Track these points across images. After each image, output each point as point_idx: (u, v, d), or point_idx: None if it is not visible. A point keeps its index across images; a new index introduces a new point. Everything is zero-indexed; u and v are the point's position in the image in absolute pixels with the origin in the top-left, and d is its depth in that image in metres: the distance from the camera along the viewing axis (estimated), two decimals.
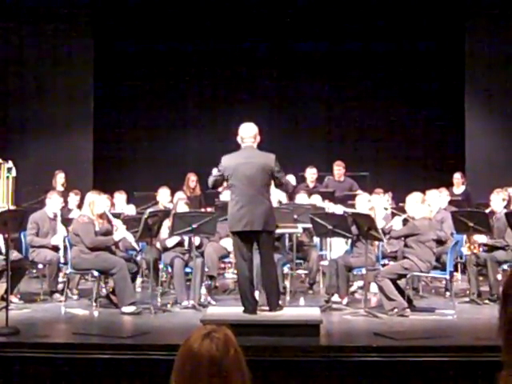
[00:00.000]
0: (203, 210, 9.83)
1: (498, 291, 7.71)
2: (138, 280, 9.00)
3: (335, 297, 8.02)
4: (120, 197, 10.43)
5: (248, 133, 6.70)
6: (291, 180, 9.16)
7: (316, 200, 9.79)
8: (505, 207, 8.81)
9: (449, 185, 10.96)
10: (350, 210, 8.63)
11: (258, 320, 6.44)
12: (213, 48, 13.24)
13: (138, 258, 8.94)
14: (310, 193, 10.27)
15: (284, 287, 8.36)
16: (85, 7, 12.95)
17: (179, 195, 10.00)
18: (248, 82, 13.41)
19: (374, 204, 8.81)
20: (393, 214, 8.96)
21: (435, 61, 13.06)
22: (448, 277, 7.93)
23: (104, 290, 8.41)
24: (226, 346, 1.95)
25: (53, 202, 8.88)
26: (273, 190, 7.05)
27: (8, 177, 9.86)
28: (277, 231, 7.03)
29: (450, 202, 9.74)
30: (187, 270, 8.26)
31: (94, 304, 7.85)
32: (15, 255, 7.91)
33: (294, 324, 6.34)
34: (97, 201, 8.02)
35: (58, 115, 12.70)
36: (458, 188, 11.33)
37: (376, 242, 8.33)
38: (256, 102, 13.13)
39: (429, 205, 8.24)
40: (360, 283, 8.94)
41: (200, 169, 11.31)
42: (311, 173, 11.47)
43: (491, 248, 8.44)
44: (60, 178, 11.33)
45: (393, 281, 7.52)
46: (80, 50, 12.96)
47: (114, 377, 5.52)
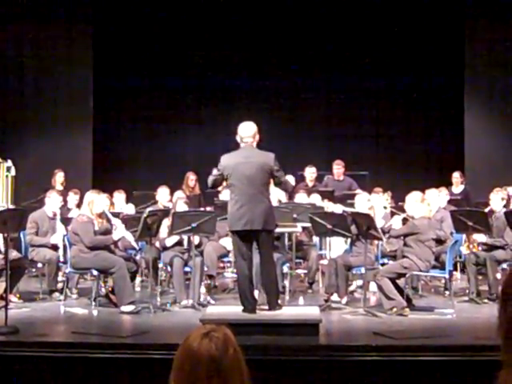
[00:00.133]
0: (202, 210, 9.83)
1: (497, 290, 7.70)
2: (138, 279, 8.99)
3: (334, 296, 8.01)
4: (119, 196, 10.42)
5: (247, 132, 6.69)
6: (290, 180, 9.15)
7: (315, 199, 9.78)
8: (504, 206, 8.81)
9: (448, 184, 10.96)
10: (350, 210, 8.62)
11: (258, 319, 6.44)
12: (212, 47, 13.23)
13: (138, 258, 8.93)
14: (310, 192, 10.26)
15: (283, 286, 8.35)
16: (84, 7, 12.94)
17: (178, 194, 9.99)
18: (247, 81, 13.40)
19: (374, 203, 8.81)
20: (392, 214, 8.95)
21: (435, 60, 13.06)
22: (447, 276, 7.93)
23: (103, 289, 8.41)
24: (226, 346, 1.95)
25: (52, 201, 8.88)
26: (272, 190, 7.05)
27: (7, 176, 9.86)
28: (276, 230, 7.03)
29: (450, 202, 9.74)
30: (186, 270, 8.26)
31: (94, 303, 7.86)
32: (14, 254, 7.90)
33: (294, 323, 6.34)
34: (96, 200, 8.01)
35: (58, 114, 12.69)
36: (457, 187, 11.33)
37: (375, 242, 8.32)
38: (256, 102, 13.13)
39: (428, 204, 8.24)
40: (359, 282, 8.94)
41: (199, 168, 11.31)
42: (310, 172, 11.47)
43: (490, 247, 8.44)
44: (59, 177, 11.31)
45: (392, 280, 7.52)
46: (79, 50, 12.94)
47: (114, 376, 5.52)
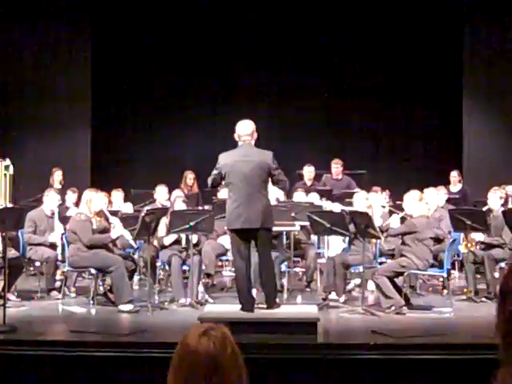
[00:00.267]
0: (201, 208, 9.83)
1: (496, 289, 7.71)
2: (136, 278, 8.99)
3: (332, 295, 8.01)
4: (117, 195, 10.41)
5: (245, 130, 6.68)
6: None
7: (314, 198, 9.78)
8: (502, 205, 8.82)
9: (446, 183, 10.96)
10: (348, 208, 8.63)
11: (256, 318, 6.44)
12: (212, 46, 13.23)
13: (136, 256, 8.94)
14: (308, 191, 10.27)
15: (281, 285, 8.35)
16: (83, 5, 12.93)
17: (177, 193, 9.99)
18: (247, 80, 13.40)
19: (372, 202, 8.81)
20: (390, 212, 8.96)
21: (434, 59, 13.05)
22: (445, 275, 7.93)
23: (101, 288, 8.40)
24: (224, 344, 1.95)
25: (50, 200, 8.87)
26: (271, 188, 7.04)
27: (5, 174, 9.84)
28: (274, 229, 7.03)
29: (448, 200, 9.75)
30: (185, 268, 8.26)
31: (92, 302, 7.85)
32: (12, 253, 7.89)
33: (292, 322, 6.35)
34: (94, 198, 8.00)
35: (56, 113, 12.67)
36: (455, 186, 11.33)
37: (373, 240, 8.33)
38: (254, 100, 13.12)
39: (426, 203, 8.24)
40: (357, 281, 8.94)
41: (198, 167, 11.31)
42: (309, 171, 11.47)
43: (488, 246, 8.45)
44: (57, 176, 11.31)
45: (390, 279, 7.52)
46: (78, 48, 12.94)
47: (112, 374, 5.51)
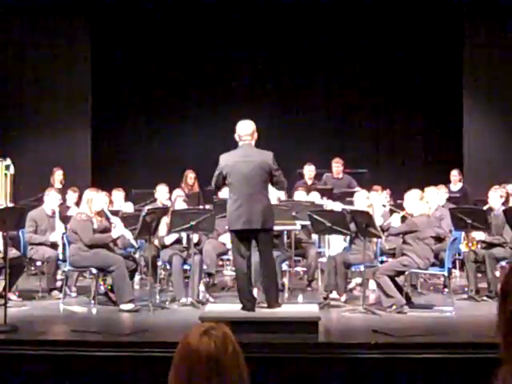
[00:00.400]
0: (201, 208, 9.83)
1: (496, 288, 7.71)
2: (137, 277, 8.99)
3: (333, 294, 8.01)
4: (118, 194, 10.41)
5: (245, 130, 6.68)
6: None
7: (314, 197, 9.78)
8: (502, 204, 8.81)
9: (446, 182, 10.96)
10: (349, 207, 8.63)
11: (257, 317, 6.43)
12: (212, 46, 13.22)
13: (137, 256, 8.93)
14: (309, 190, 10.26)
15: (282, 284, 8.35)
16: (83, 3, 12.93)
17: (177, 192, 9.99)
18: (247, 80, 13.39)
19: (373, 201, 8.81)
20: (391, 211, 8.96)
21: (434, 59, 13.05)
22: (446, 274, 7.92)
23: (102, 288, 8.40)
24: (225, 343, 1.95)
25: (51, 200, 8.87)
26: (271, 188, 7.04)
27: (6, 174, 9.85)
28: (275, 228, 7.03)
29: (448, 199, 9.74)
30: (185, 268, 8.26)
31: (93, 301, 7.85)
32: (13, 252, 7.90)
33: (293, 321, 6.34)
34: (95, 198, 8.00)
35: (57, 112, 12.68)
36: (455, 185, 11.33)
37: (374, 239, 8.32)
38: (255, 100, 13.11)
39: (427, 202, 8.24)
40: (358, 280, 8.93)
41: (199, 166, 11.31)
42: (309, 170, 11.47)
43: (489, 245, 8.45)
44: (58, 176, 11.31)
45: (391, 278, 7.52)
46: (78, 48, 12.94)
47: (113, 374, 5.52)
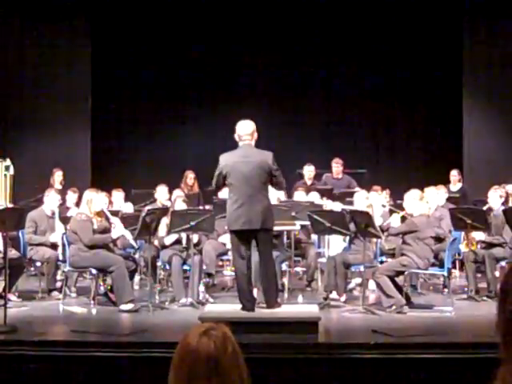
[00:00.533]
0: (201, 208, 9.83)
1: (496, 288, 7.71)
2: (136, 278, 8.99)
3: (333, 294, 8.01)
4: (118, 195, 10.41)
5: (245, 130, 6.67)
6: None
7: (314, 197, 9.78)
8: (502, 204, 8.81)
9: (446, 182, 10.95)
10: (348, 208, 8.63)
11: (256, 317, 6.43)
12: (211, 45, 13.22)
13: (136, 256, 8.93)
14: (308, 190, 10.26)
15: (282, 284, 8.35)
16: (83, 4, 12.93)
17: (177, 193, 9.99)
18: (247, 80, 13.39)
19: (372, 201, 8.81)
20: (391, 211, 8.96)
21: (434, 58, 13.05)
22: (446, 274, 7.92)
23: (102, 288, 8.40)
24: (224, 344, 1.95)
25: (50, 200, 8.87)
26: (271, 188, 7.04)
27: (6, 175, 9.86)
28: (275, 228, 7.02)
29: (448, 199, 9.74)
30: (185, 268, 8.26)
31: (92, 302, 7.85)
32: (13, 253, 7.90)
33: (292, 321, 6.34)
34: (95, 199, 8.00)
35: (56, 113, 12.67)
36: (455, 185, 11.32)
37: (374, 239, 8.33)
38: (255, 100, 13.12)
39: (427, 202, 8.24)
40: (358, 280, 8.93)
41: (198, 166, 11.31)
42: (309, 170, 11.48)
43: (489, 245, 8.45)
44: (58, 176, 11.31)
45: (391, 278, 7.52)
46: (78, 48, 12.94)
47: (113, 374, 5.52)
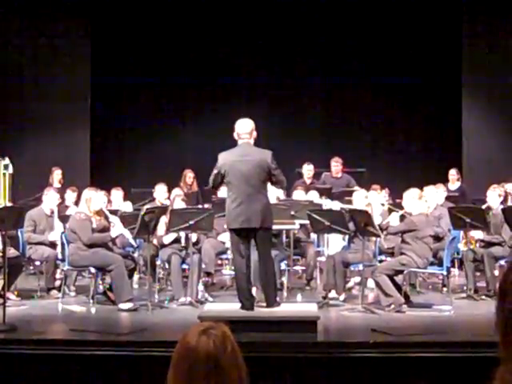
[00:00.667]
0: (200, 207, 9.83)
1: (495, 287, 7.72)
2: (135, 277, 8.99)
3: (332, 293, 8.02)
4: (117, 193, 10.41)
5: (244, 129, 6.67)
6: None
7: (313, 196, 9.78)
8: (501, 203, 8.82)
9: (445, 181, 10.96)
10: (347, 207, 8.63)
11: (256, 316, 6.43)
12: (211, 45, 13.21)
13: (135, 255, 8.93)
14: (308, 189, 10.26)
15: (281, 283, 8.35)
16: (83, 3, 12.92)
17: (176, 192, 9.99)
18: (246, 79, 13.39)
19: (371, 200, 8.81)
20: (390, 210, 8.95)
21: (433, 57, 13.05)
22: (445, 273, 7.93)
23: (101, 287, 8.40)
24: (224, 343, 1.95)
25: (49, 199, 8.87)
26: (270, 187, 7.04)
27: (5, 174, 9.84)
28: (274, 227, 7.02)
29: (447, 198, 9.74)
30: (184, 267, 8.27)
31: (91, 301, 7.85)
32: (12, 252, 7.90)
33: (292, 320, 6.34)
34: (94, 197, 8.00)
35: (55, 112, 12.66)
36: (453, 184, 11.31)
37: (373, 238, 8.33)
38: (254, 99, 13.12)
39: (426, 201, 8.24)
40: (357, 279, 8.95)
41: (198, 165, 11.30)
42: (308, 169, 11.47)
43: (488, 244, 8.45)
44: (57, 175, 11.30)
45: (390, 277, 7.52)
46: (77, 47, 12.93)
47: (112, 373, 5.52)
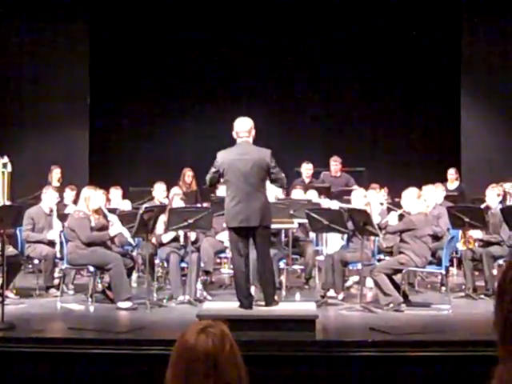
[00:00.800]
0: (199, 206, 9.82)
1: (494, 286, 7.72)
2: (134, 275, 8.99)
3: (331, 292, 8.02)
4: (116, 192, 10.41)
5: (243, 127, 6.67)
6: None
7: (312, 195, 9.77)
8: (500, 202, 8.82)
9: (444, 180, 10.96)
10: (346, 206, 8.63)
11: (254, 315, 6.43)
12: (211, 44, 13.20)
13: (134, 254, 8.93)
14: (306, 188, 10.25)
15: (280, 282, 8.35)
16: (82, 4, 12.91)
17: (175, 190, 9.98)
18: (246, 78, 13.38)
19: (370, 199, 8.81)
20: (388, 210, 8.96)
21: (432, 57, 13.05)
22: (444, 272, 7.93)
23: (100, 286, 8.40)
24: (222, 341, 1.95)
25: (48, 198, 8.86)
26: (269, 186, 7.04)
27: (3, 172, 9.83)
28: (272, 226, 7.02)
29: (446, 198, 9.74)
30: (183, 265, 8.26)
31: (90, 299, 7.84)
32: (10, 250, 7.90)
33: (290, 319, 6.34)
34: (92, 196, 8.00)
35: (54, 110, 12.66)
36: (452, 184, 11.32)
37: (372, 238, 8.33)
38: (253, 98, 13.11)
39: (425, 200, 8.24)
40: (356, 278, 8.95)
41: (197, 164, 11.28)
42: (307, 168, 11.46)
43: (487, 243, 8.45)
44: (56, 174, 11.29)
45: (388, 276, 7.52)
46: (77, 47, 12.92)
47: (110, 372, 5.52)
